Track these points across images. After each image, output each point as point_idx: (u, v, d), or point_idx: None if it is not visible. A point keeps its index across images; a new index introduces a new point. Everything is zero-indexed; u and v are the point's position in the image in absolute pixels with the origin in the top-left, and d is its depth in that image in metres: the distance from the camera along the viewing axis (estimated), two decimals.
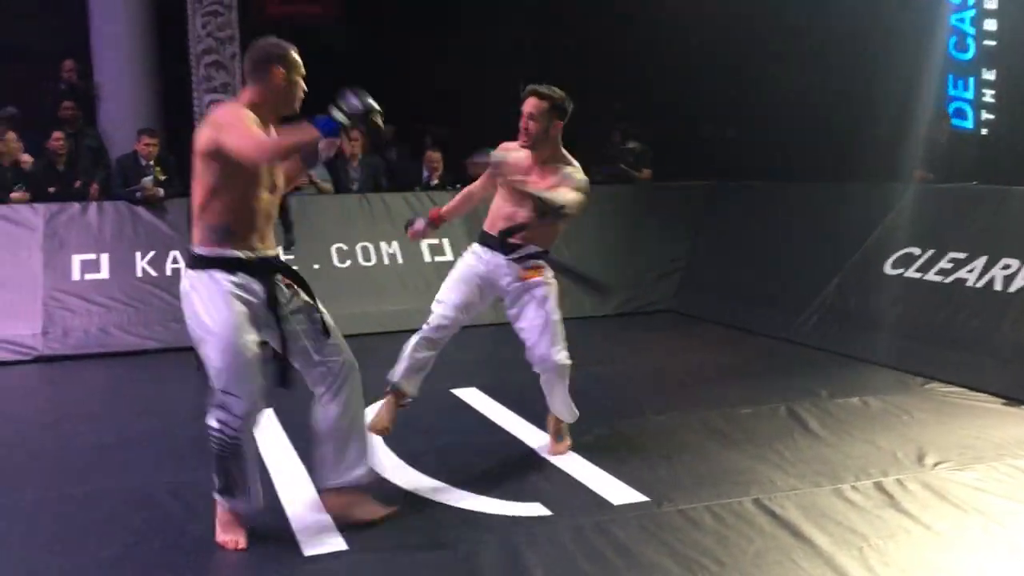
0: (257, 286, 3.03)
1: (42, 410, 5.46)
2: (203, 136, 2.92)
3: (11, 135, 7.36)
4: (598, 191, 8.52)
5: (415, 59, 11.47)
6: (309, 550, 3.18)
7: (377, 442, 4.28)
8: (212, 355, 2.98)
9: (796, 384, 5.34)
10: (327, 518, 3.38)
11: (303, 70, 3.11)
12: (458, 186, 8.08)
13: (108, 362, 6.35)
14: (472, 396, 5.22)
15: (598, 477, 3.84)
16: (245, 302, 2.99)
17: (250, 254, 3.02)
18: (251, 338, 2.98)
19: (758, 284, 7.38)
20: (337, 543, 3.22)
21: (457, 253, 7.55)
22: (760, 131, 9.37)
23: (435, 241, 7.71)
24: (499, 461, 4.14)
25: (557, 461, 4.07)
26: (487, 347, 6.94)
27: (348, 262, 7.46)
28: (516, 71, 12.29)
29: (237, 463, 3.09)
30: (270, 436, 4.50)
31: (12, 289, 6.49)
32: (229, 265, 2.99)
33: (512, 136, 3.97)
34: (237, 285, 2.98)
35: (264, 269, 3.07)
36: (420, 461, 4.03)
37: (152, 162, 7.35)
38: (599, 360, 6.12)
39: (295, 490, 3.75)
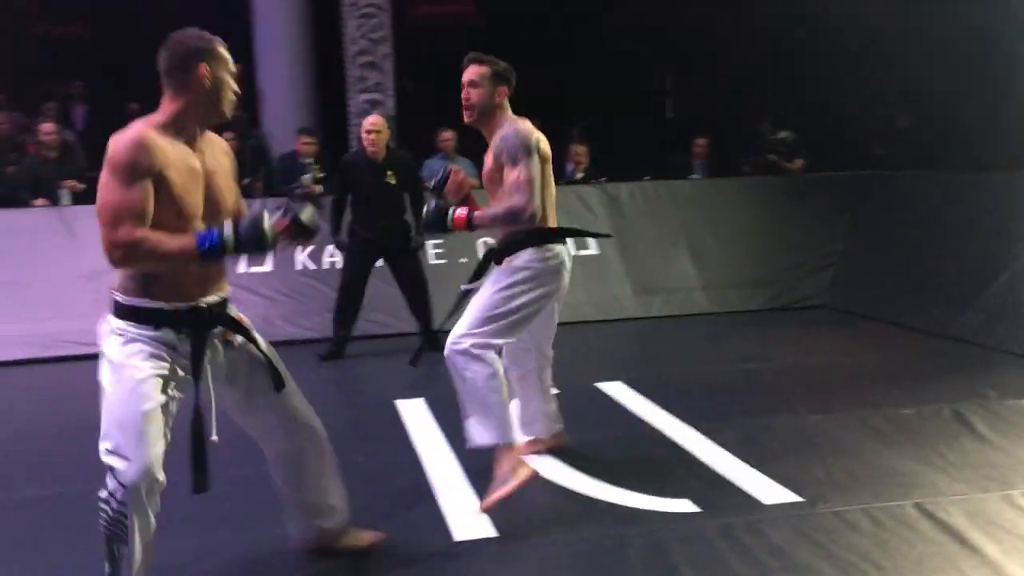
0: (182, 340, 2.54)
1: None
2: (101, 177, 2.45)
3: None
4: (744, 182, 8.42)
5: (561, 51, 11.52)
6: (459, 535, 3.26)
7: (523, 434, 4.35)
8: (105, 407, 2.49)
9: (961, 384, 5.06)
10: (477, 505, 3.46)
11: (232, 66, 2.62)
12: (603, 180, 8.11)
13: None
14: (617, 390, 5.20)
15: (748, 475, 3.77)
16: (161, 356, 2.51)
17: (177, 304, 2.51)
18: (156, 394, 2.47)
19: (917, 279, 7.02)
20: (487, 530, 3.29)
21: (603, 249, 7.58)
22: (925, 118, 8.94)
23: None
24: (646, 456, 4.12)
25: (706, 458, 4.01)
26: (631, 341, 6.92)
27: None
28: (663, 63, 12.23)
29: (123, 545, 2.48)
30: (419, 421, 4.65)
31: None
32: (149, 318, 2.51)
33: (661, 129, 3.92)
34: (153, 339, 2.50)
35: (195, 321, 2.55)
36: (566, 454, 4.05)
37: (311, 160, 7.67)
38: (748, 356, 5.99)
39: (444, 474, 3.85)
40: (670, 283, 7.63)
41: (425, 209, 3.58)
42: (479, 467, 3.89)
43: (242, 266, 7.10)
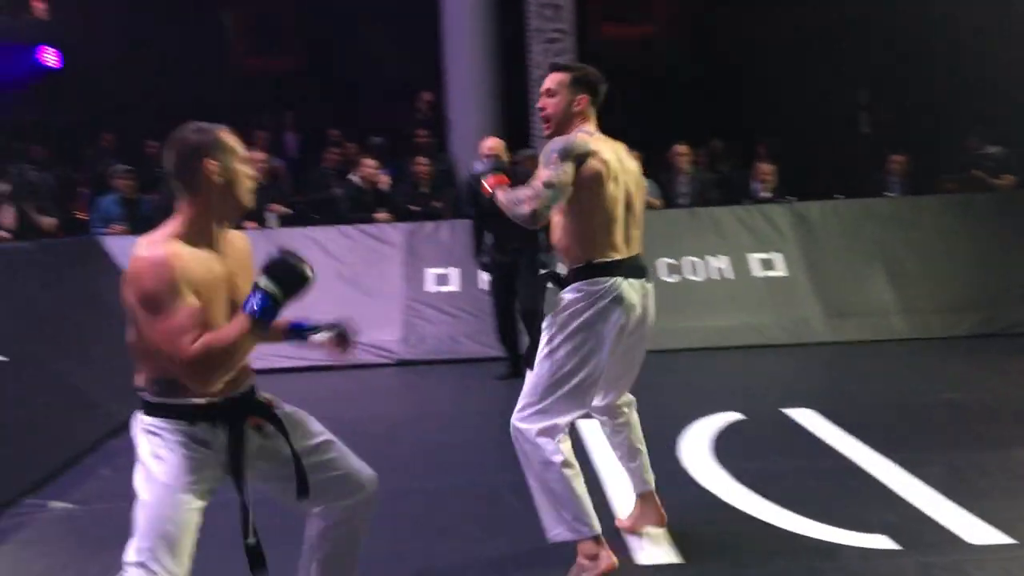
0: (218, 433, 2.36)
1: (402, 409, 6.06)
2: (126, 293, 2.25)
3: (370, 161, 8.20)
4: (948, 200, 7.92)
5: (745, 71, 11.29)
6: (641, 558, 3.24)
7: (710, 460, 4.28)
8: (140, 513, 2.29)
9: None
10: (661, 530, 3.43)
11: (242, 151, 2.39)
12: (792, 199, 7.86)
13: (457, 367, 6.89)
14: (806, 417, 5.00)
15: (951, 512, 3.53)
16: (196, 456, 2.32)
17: (212, 397, 2.32)
18: (193, 502, 2.30)
19: None
20: (670, 555, 3.25)
21: (792, 270, 7.34)
22: None
23: (766, 255, 7.52)
24: (839, 488, 3.93)
25: (904, 492, 3.79)
26: (822, 366, 6.64)
27: (675, 276, 7.49)
28: (854, 80, 11.73)
29: None
30: (600, 448, 4.65)
31: (378, 299, 7.25)
32: (183, 414, 2.34)
33: (854, 146, 3.72)
34: (188, 435, 2.33)
35: (230, 414, 2.38)
36: (755, 483, 3.94)
37: None
38: (952, 385, 5.62)
39: (627, 500, 3.83)
40: (864, 306, 7.27)
41: (478, 165, 3.35)
42: (659, 488, 3.86)
43: (430, 286, 7.38)
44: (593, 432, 4.83)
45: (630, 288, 3.04)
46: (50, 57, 12.27)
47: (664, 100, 11.32)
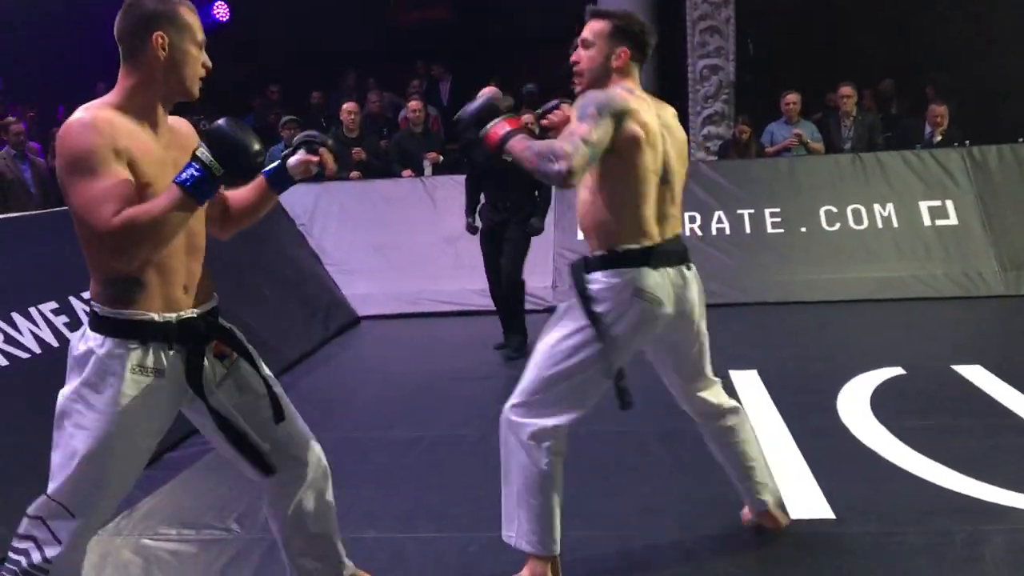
0: (174, 357, 2.13)
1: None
2: (56, 166, 2.04)
3: (528, 116, 8.18)
4: None
5: (915, 3, 10.57)
6: (794, 512, 3.19)
7: (869, 416, 4.14)
8: (63, 442, 2.08)
9: None
10: (815, 485, 3.36)
11: (201, 35, 2.15)
12: (967, 143, 7.36)
13: None
14: (976, 374, 4.74)
15: None
16: (147, 384, 2.09)
17: (167, 315, 2.12)
18: (131, 437, 2.10)
19: None
20: (824, 510, 3.18)
21: (965, 219, 6.91)
22: None
23: (937, 203, 7.10)
24: (1009, 447, 3.72)
25: None
26: (995, 321, 6.27)
27: (837, 225, 7.18)
28: None
29: None
30: (751, 393, 4.58)
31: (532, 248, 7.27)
32: (135, 333, 2.09)
33: None
34: (139, 361, 2.08)
35: (187, 335, 2.15)
36: (914, 439, 3.79)
37: None
38: None
39: (778, 448, 3.77)
40: None
41: (468, 106, 2.64)
42: (814, 443, 3.78)
43: (580, 233, 7.38)
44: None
45: (663, 280, 2.59)
46: (221, 11, 12.88)
47: (829, 37, 10.77)
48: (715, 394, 2.92)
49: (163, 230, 1.96)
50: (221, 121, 1.98)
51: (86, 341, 2.09)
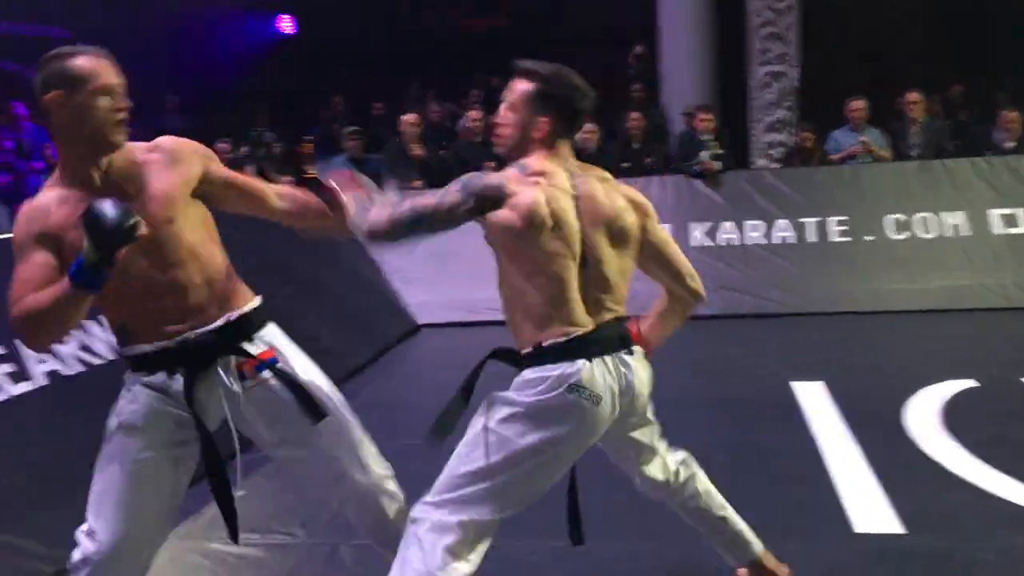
0: (177, 378, 2.17)
1: None
2: None
3: (588, 125, 8.14)
4: None
5: (989, 5, 10.33)
6: (860, 526, 3.13)
7: (939, 428, 4.05)
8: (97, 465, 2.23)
9: None
10: (883, 498, 3.29)
11: (108, 78, 2.08)
12: None
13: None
14: None
15: None
16: (155, 400, 2.18)
17: (161, 343, 2.16)
18: (143, 452, 2.17)
19: None
20: (892, 524, 3.12)
21: None
22: None
23: (1009, 211, 6.91)
24: None
25: None
26: None
27: (905, 233, 7.03)
28: None
29: None
30: (817, 405, 4.51)
31: None
32: (140, 365, 2.20)
33: None
34: (146, 382, 2.19)
35: (187, 358, 2.17)
36: (986, 453, 3.69)
37: (709, 137, 7.68)
38: None
39: (844, 461, 3.71)
40: None
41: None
42: (882, 456, 3.71)
43: None
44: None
45: (599, 371, 2.21)
46: (286, 24, 13.14)
47: (896, 42, 10.57)
48: (661, 467, 2.56)
49: (55, 318, 1.98)
50: (92, 204, 1.91)
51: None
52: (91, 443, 3.44)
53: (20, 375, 3.57)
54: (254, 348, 2.24)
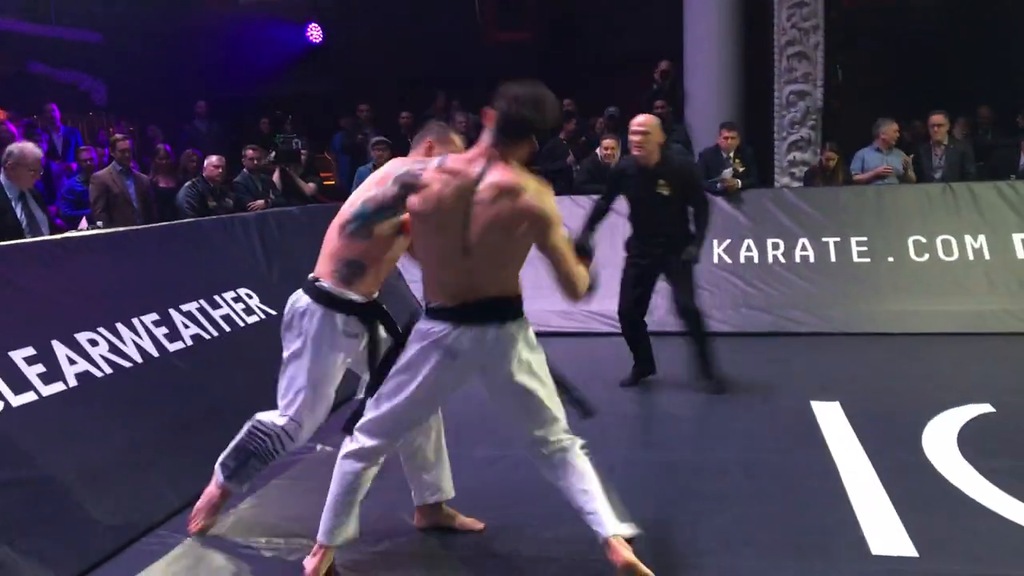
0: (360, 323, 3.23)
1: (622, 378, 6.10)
2: None
3: (609, 141, 8.12)
4: None
5: (1015, 30, 10.30)
6: (876, 548, 3.15)
7: (955, 453, 4.06)
8: (299, 375, 3.25)
9: None
10: (898, 522, 3.32)
11: None
12: None
13: (685, 341, 6.83)
14: None
15: None
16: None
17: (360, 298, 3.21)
18: (334, 366, 3.24)
19: None
20: (907, 548, 3.14)
21: None
22: None
23: None
24: None
25: None
26: None
27: (926, 256, 7.04)
28: None
29: (259, 465, 3.41)
30: (834, 425, 4.53)
31: (607, 269, 7.09)
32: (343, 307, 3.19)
33: None
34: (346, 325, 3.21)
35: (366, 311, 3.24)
36: (1002, 479, 3.70)
37: (732, 154, 7.72)
38: None
39: (861, 482, 3.73)
40: None
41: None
42: (898, 479, 3.73)
43: None
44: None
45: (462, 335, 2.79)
46: (315, 33, 13.28)
47: (922, 65, 10.57)
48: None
49: None
50: None
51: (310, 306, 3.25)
52: (117, 444, 3.50)
53: (51, 376, 3.66)
54: None
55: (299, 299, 3.24)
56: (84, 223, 6.68)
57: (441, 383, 2.87)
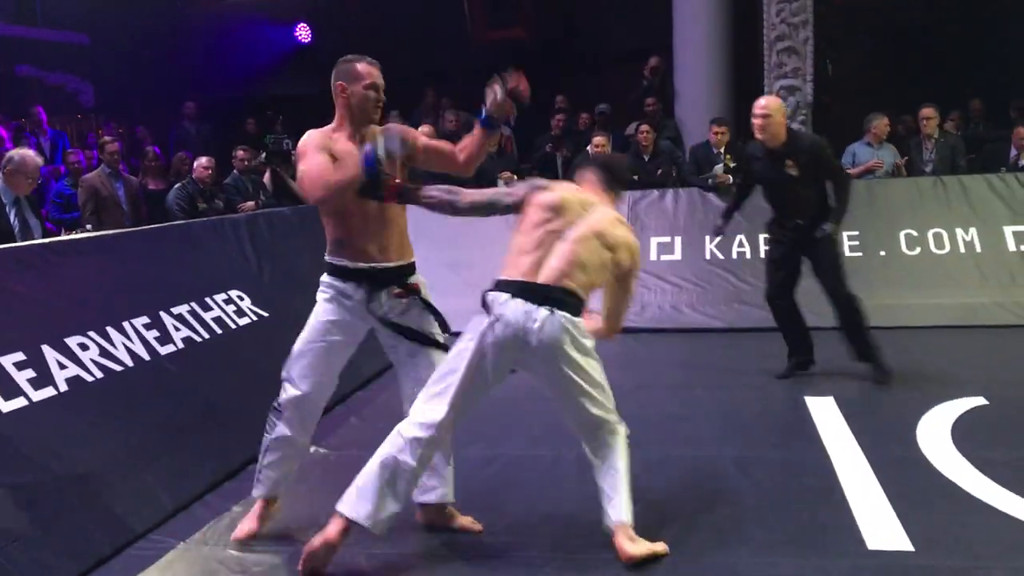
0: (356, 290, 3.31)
1: (624, 377, 6.08)
2: None
3: (600, 139, 8.14)
4: None
5: (1012, 22, 10.33)
6: (872, 543, 3.15)
7: (949, 446, 4.07)
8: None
9: None
10: (894, 516, 3.32)
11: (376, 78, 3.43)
12: None
13: (679, 337, 6.87)
14: None
15: None
16: (340, 303, 3.33)
17: (359, 264, 3.30)
18: (332, 335, 3.33)
19: None
20: (903, 542, 3.14)
21: None
22: None
23: (1022, 228, 6.92)
24: None
25: None
26: None
27: (918, 249, 7.05)
28: None
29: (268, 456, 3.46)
30: (829, 420, 4.53)
31: None
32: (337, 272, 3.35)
33: None
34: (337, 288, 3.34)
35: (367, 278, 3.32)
36: (996, 472, 3.71)
37: (722, 150, 7.73)
38: None
39: (855, 477, 3.73)
40: None
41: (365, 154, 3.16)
42: (893, 474, 3.73)
43: (653, 254, 7.39)
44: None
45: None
46: (304, 33, 13.22)
47: (913, 57, 10.59)
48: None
49: (340, 189, 3.19)
50: (391, 127, 3.25)
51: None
52: (108, 448, 3.47)
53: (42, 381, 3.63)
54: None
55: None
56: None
57: (484, 349, 3.12)
